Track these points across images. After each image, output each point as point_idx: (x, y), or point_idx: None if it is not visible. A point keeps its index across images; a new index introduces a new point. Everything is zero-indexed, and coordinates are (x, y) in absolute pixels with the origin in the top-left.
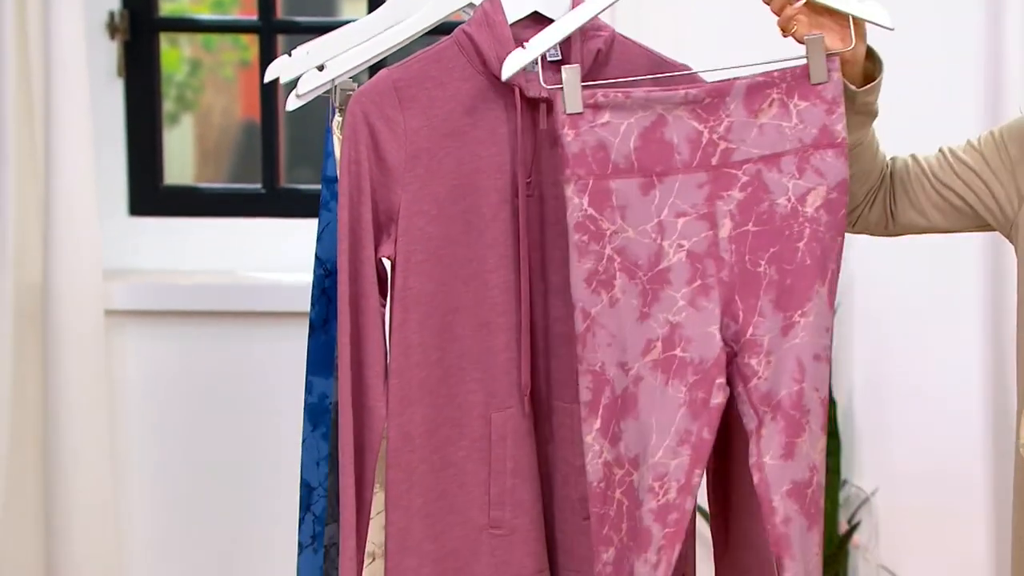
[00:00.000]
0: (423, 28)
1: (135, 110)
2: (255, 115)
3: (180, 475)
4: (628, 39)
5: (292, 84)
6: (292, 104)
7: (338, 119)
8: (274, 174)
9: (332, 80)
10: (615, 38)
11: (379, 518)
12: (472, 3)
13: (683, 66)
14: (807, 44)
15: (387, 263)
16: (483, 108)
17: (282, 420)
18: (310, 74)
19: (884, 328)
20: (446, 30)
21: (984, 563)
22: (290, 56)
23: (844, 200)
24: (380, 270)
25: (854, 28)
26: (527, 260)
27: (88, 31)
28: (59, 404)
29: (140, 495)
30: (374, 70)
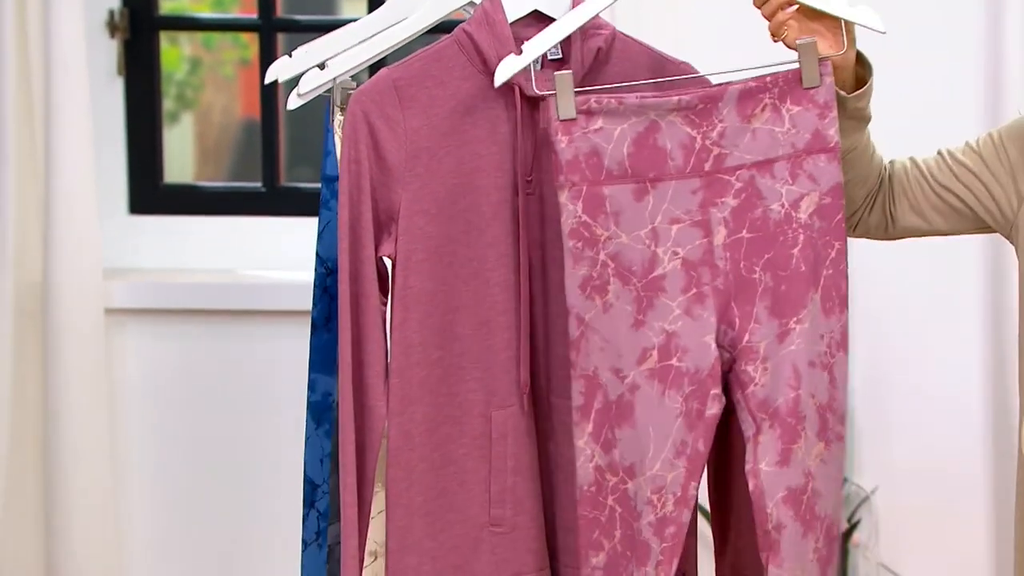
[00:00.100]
0: (423, 27)
1: (135, 109)
2: (255, 113)
3: (180, 474)
4: (629, 37)
5: (292, 83)
6: (293, 103)
7: (339, 118)
8: (274, 172)
9: (333, 79)
10: (616, 36)
11: (381, 517)
12: (473, 2)
13: (684, 64)
14: (800, 49)
15: (388, 262)
16: (483, 107)
17: (282, 419)
18: (311, 73)
19: (884, 328)
20: (447, 29)
21: (984, 562)
22: (290, 57)
23: (839, 204)
24: (381, 269)
25: (845, 33)
26: (527, 259)
27: (88, 30)
28: (59, 403)
29: (140, 494)
30: (375, 69)
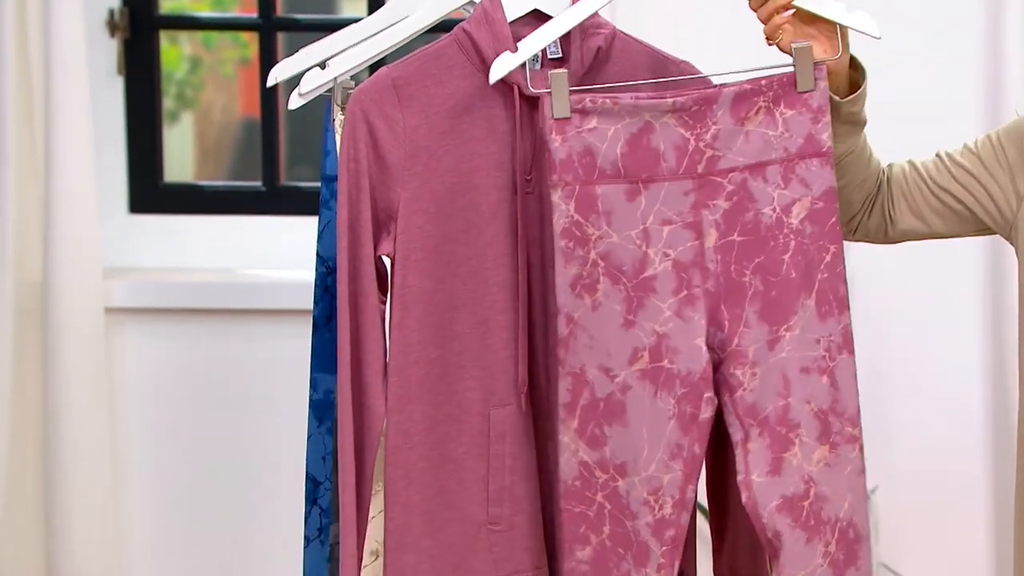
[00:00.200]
0: (424, 26)
1: (135, 108)
2: (255, 113)
3: (180, 473)
4: (629, 36)
5: (292, 82)
6: (295, 102)
7: (340, 117)
8: (274, 172)
9: (334, 79)
10: (616, 35)
11: (381, 517)
12: (473, 1)
13: (685, 63)
14: (795, 53)
15: (387, 261)
16: (482, 106)
17: (282, 418)
18: (312, 72)
19: (884, 328)
20: (448, 28)
21: (984, 561)
22: (294, 56)
23: (833, 208)
24: (380, 268)
25: (840, 38)
26: (525, 257)
27: (88, 29)
28: (59, 402)
29: (140, 494)
30: (376, 69)
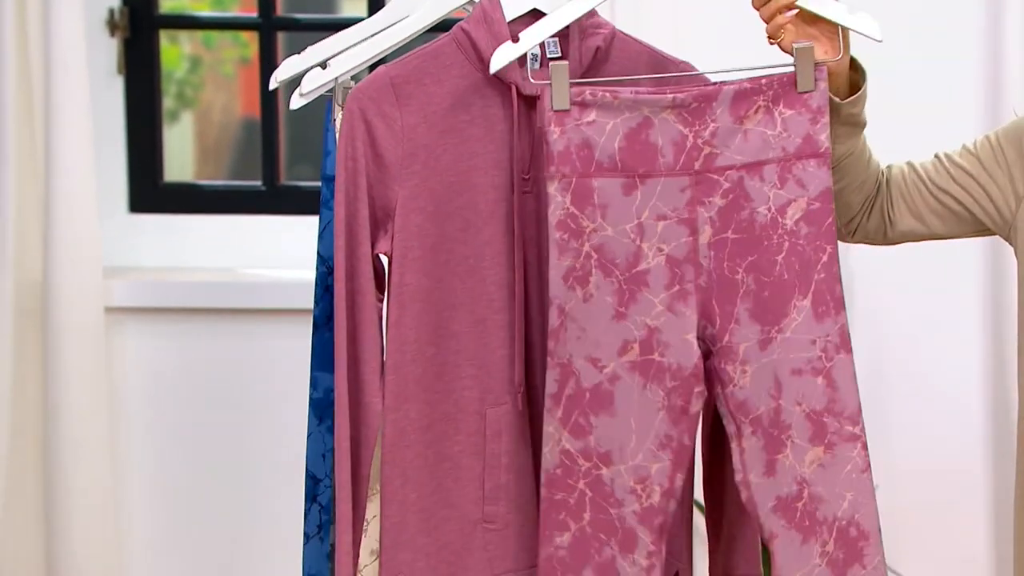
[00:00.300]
0: (424, 26)
1: (135, 107)
2: (255, 112)
3: (180, 473)
4: (629, 36)
5: (293, 82)
6: (296, 103)
7: (340, 117)
8: (274, 171)
9: (335, 78)
10: (615, 35)
11: (379, 520)
12: (473, 0)
13: (684, 63)
14: (796, 53)
15: (384, 259)
16: (480, 105)
17: (282, 418)
18: (313, 72)
19: (884, 328)
20: (448, 28)
21: (985, 561)
22: (298, 56)
23: (829, 209)
24: (377, 266)
25: (841, 39)
26: (521, 257)
27: (88, 28)
28: (59, 402)
29: (140, 493)
30: (376, 68)
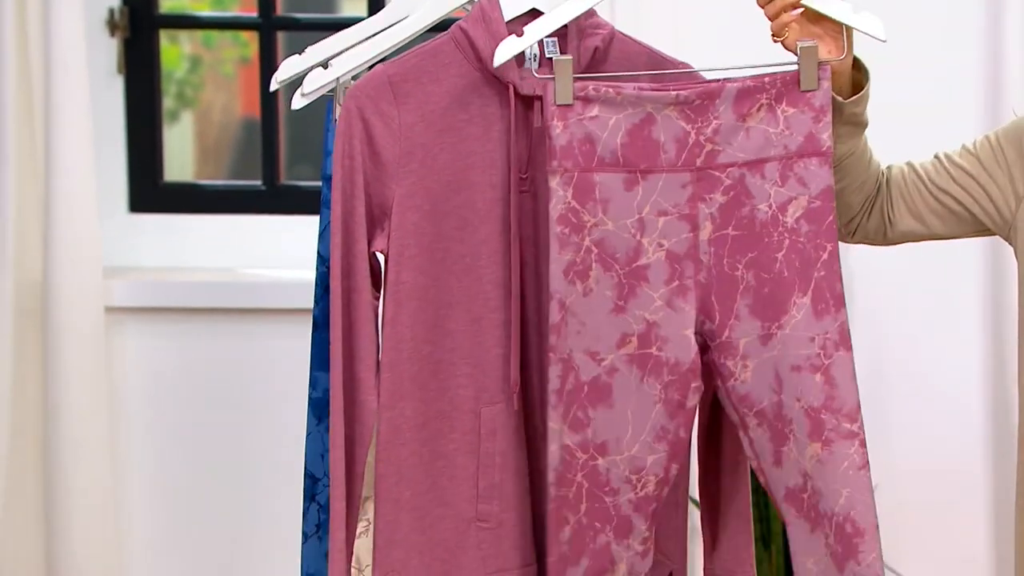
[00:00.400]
0: (425, 26)
1: (135, 107)
2: (255, 112)
3: (180, 473)
4: (628, 37)
5: (293, 82)
6: (298, 103)
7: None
8: (274, 171)
9: (337, 79)
10: (614, 36)
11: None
12: (473, 0)
13: (683, 65)
14: (800, 52)
15: (381, 257)
16: (478, 104)
17: (282, 417)
18: (315, 72)
19: (884, 328)
20: (449, 27)
21: (985, 560)
22: (300, 56)
23: (830, 207)
24: (373, 264)
25: (845, 38)
26: (518, 256)
27: (88, 28)
28: (59, 402)
29: (140, 493)
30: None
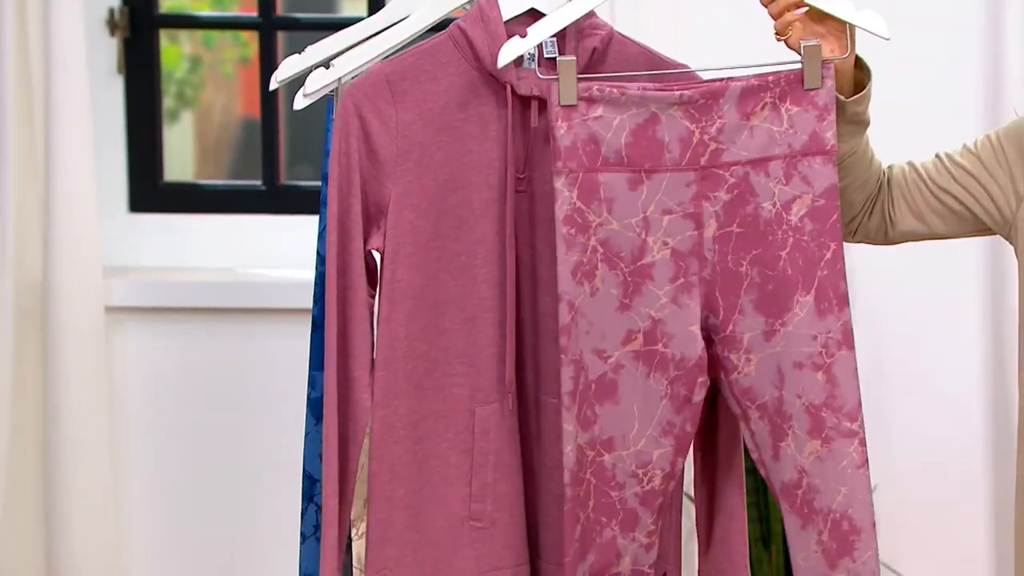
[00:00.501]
0: (425, 25)
1: (135, 107)
2: (255, 112)
3: (180, 473)
4: (626, 38)
5: (293, 81)
6: (300, 103)
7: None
8: (274, 171)
9: (339, 79)
10: (613, 36)
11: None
12: None
13: (682, 66)
14: (804, 50)
15: (377, 256)
16: (475, 103)
17: (282, 417)
18: (317, 72)
19: (884, 328)
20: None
21: (985, 560)
22: (300, 55)
23: (834, 206)
24: (369, 262)
25: (848, 37)
26: (514, 255)
27: (88, 28)
28: (59, 402)
29: (140, 493)
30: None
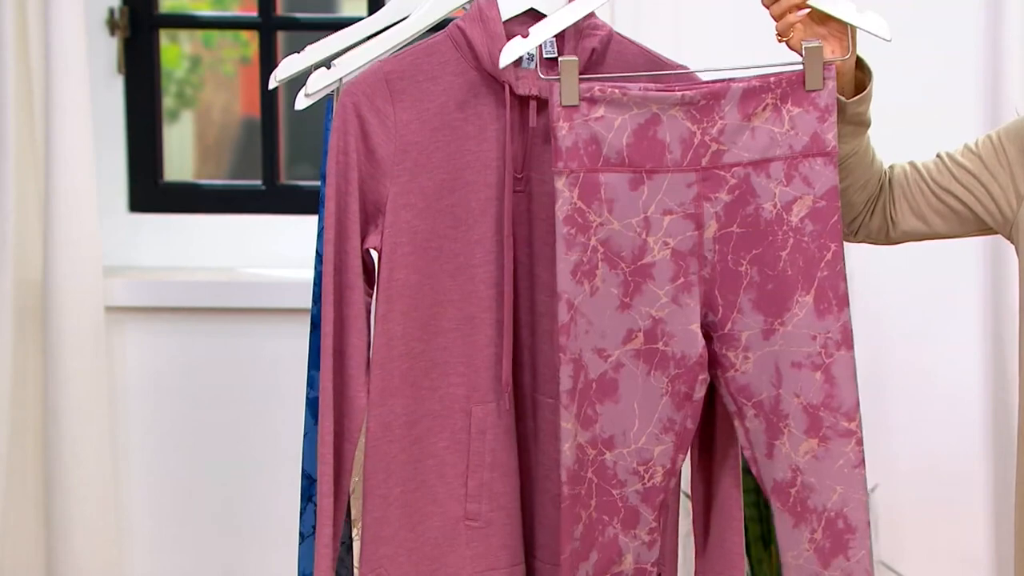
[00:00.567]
0: (426, 25)
1: (135, 107)
2: (255, 112)
3: (180, 472)
4: (625, 38)
5: (293, 81)
6: (301, 103)
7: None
8: (274, 171)
9: (340, 79)
10: (612, 37)
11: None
12: None
13: (681, 67)
14: (806, 52)
15: (375, 254)
16: (474, 103)
17: (282, 417)
18: (319, 72)
19: (884, 327)
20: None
21: (985, 560)
22: (299, 54)
23: (835, 207)
24: (367, 261)
25: (850, 38)
26: (511, 255)
27: (88, 28)
28: (59, 401)
29: (140, 493)
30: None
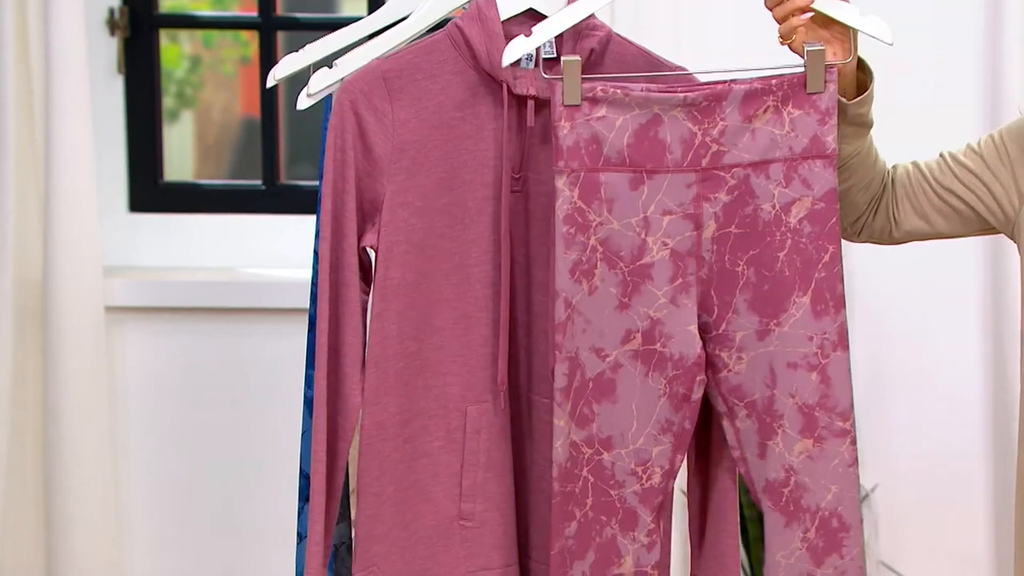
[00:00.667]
0: (427, 25)
1: (135, 107)
2: (255, 112)
3: (180, 472)
4: (625, 39)
5: (293, 81)
6: (303, 103)
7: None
8: (274, 170)
9: (342, 79)
10: (611, 38)
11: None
12: None
13: (680, 68)
14: (808, 55)
15: (372, 253)
16: (472, 102)
17: (282, 416)
18: (321, 72)
19: (884, 327)
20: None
21: (984, 560)
22: (298, 53)
23: (834, 209)
24: (364, 259)
25: (852, 41)
26: (508, 255)
27: (88, 28)
28: (59, 401)
29: (140, 492)
30: None
